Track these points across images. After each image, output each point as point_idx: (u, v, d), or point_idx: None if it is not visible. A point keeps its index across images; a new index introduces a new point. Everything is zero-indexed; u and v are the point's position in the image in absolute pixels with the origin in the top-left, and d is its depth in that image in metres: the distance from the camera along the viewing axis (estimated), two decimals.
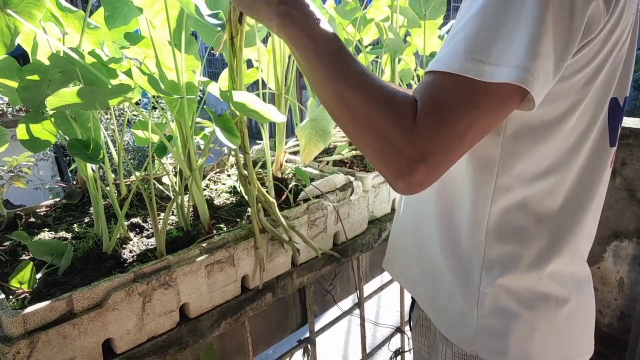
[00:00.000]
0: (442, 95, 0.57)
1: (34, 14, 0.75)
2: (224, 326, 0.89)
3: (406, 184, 0.57)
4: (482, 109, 0.56)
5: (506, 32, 0.56)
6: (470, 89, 0.56)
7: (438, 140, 0.56)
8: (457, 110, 0.56)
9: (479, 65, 0.55)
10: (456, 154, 0.58)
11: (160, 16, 0.90)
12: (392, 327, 1.63)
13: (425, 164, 0.56)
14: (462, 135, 0.56)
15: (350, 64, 0.61)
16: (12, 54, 0.83)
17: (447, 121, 0.56)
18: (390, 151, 0.57)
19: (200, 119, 1.09)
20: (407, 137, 0.56)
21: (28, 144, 0.89)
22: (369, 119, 0.59)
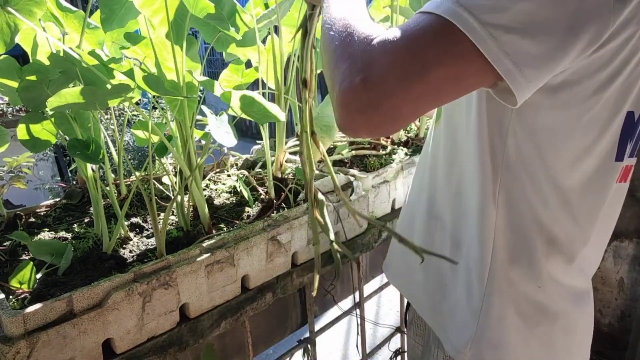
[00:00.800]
0: (405, 24, 0.52)
1: (34, 12, 0.75)
2: (224, 326, 0.89)
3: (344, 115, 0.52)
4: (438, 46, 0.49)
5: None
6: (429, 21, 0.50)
7: (388, 57, 0.49)
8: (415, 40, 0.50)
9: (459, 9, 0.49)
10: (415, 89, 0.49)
11: (159, 15, 0.90)
12: (392, 327, 1.63)
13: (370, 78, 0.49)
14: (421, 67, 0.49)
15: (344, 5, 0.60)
16: (12, 54, 0.83)
17: (402, 45, 0.49)
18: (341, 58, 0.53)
19: (201, 116, 1.09)
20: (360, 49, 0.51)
21: (28, 144, 0.90)
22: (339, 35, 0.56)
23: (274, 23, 1.03)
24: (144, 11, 0.89)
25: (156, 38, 0.91)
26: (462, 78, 0.52)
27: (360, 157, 1.35)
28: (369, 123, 0.51)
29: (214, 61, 9.35)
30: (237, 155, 1.36)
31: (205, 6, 0.87)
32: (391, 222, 1.25)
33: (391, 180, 1.26)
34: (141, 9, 0.88)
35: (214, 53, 8.18)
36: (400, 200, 1.32)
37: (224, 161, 1.31)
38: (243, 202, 1.09)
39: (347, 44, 0.53)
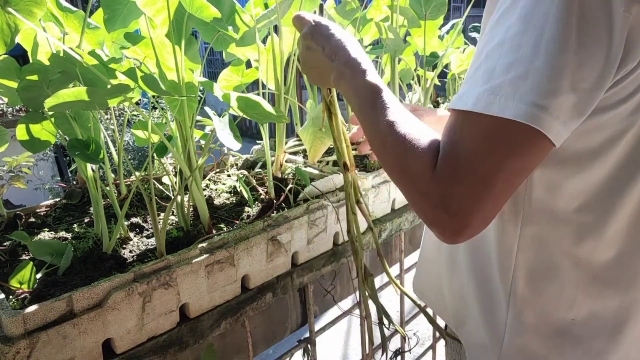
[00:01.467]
0: (458, 137, 0.52)
1: (35, 12, 0.75)
2: (224, 326, 0.89)
3: (440, 233, 0.54)
4: (499, 147, 0.50)
5: (522, 60, 0.49)
6: (483, 126, 0.50)
7: (457, 187, 0.51)
8: (475, 152, 0.51)
9: (490, 97, 0.50)
10: (486, 199, 0.51)
11: (160, 15, 0.90)
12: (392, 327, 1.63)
13: (449, 212, 0.51)
14: (486, 180, 0.50)
15: (382, 114, 0.61)
16: (12, 54, 0.83)
17: (463, 166, 0.51)
18: (415, 196, 0.56)
19: (201, 117, 1.09)
20: (426, 183, 0.53)
21: (28, 144, 0.89)
22: (393, 167, 0.59)
23: (274, 23, 1.03)
24: (146, 11, 0.89)
25: (156, 38, 0.91)
26: (530, 167, 0.53)
27: (360, 157, 1.35)
28: (466, 236, 0.53)
29: (214, 61, 9.36)
30: (237, 155, 1.36)
31: (201, 5, 0.87)
32: (391, 222, 1.25)
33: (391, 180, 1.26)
34: (144, 8, 0.88)
35: (214, 53, 8.18)
36: (400, 200, 1.32)
37: (224, 161, 1.31)
38: (243, 202, 1.09)
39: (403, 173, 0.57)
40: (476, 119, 0.51)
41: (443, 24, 1.54)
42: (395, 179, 0.60)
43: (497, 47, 0.52)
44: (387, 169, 0.61)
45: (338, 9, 1.29)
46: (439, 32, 1.52)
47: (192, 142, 0.95)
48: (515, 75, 0.49)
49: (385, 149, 0.60)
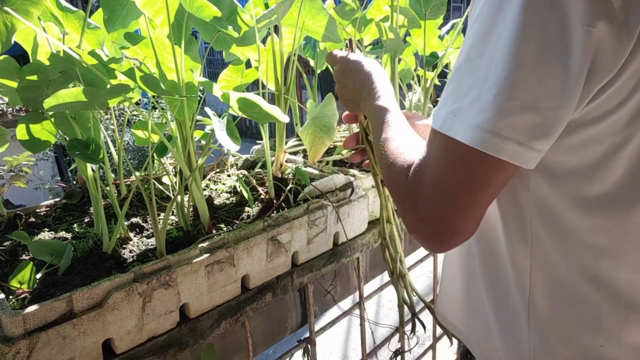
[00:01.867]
0: (428, 151, 0.57)
1: (31, 12, 0.75)
2: (224, 326, 0.89)
3: (416, 236, 0.59)
4: (458, 166, 0.53)
5: (477, 83, 0.50)
6: (448, 146, 0.53)
7: (421, 193, 0.56)
8: (433, 167, 0.55)
9: (453, 119, 0.52)
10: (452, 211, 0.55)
11: (160, 16, 0.90)
12: (392, 327, 1.63)
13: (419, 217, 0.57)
14: (448, 192, 0.54)
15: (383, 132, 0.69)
16: (12, 54, 0.83)
17: (425, 177, 0.56)
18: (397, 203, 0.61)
19: (201, 116, 1.09)
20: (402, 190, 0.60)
21: (28, 144, 0.89)
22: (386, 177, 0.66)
23: (274, 23, 1.03)
24: (146, 11, 0.89)
25: (156, 38, 0.91)
26: (495, 184, 0.55)
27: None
28: (442, 244, 0.58)
29: (214, 61, 9.36)
30: (237, 155, 1.36)
31: (202, 5, 0.87)
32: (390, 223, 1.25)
33: None
34: (143, 8, 0.88)
35: (214, 53, 8.18)
36: None
37: (224, 161, 1.31)
38: (243, 202, 1.09)
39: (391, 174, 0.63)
40: (441, 138, 0.54)
41: (443, 24, 1.54)
42: (389, 190, 0.66)
43: (461, 67, 0.53)
44: (385, 181, 0.68)
45: (338, 10, 1.29)
46: (438, 32, 1.52)
47: (192, 142, 0.95)
48: (471, 98, 0.50)
49: (381, 162, 0.67)
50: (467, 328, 0.83)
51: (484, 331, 0.76)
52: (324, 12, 1.10)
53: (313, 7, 1.08)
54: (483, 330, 0.77)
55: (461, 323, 0.85)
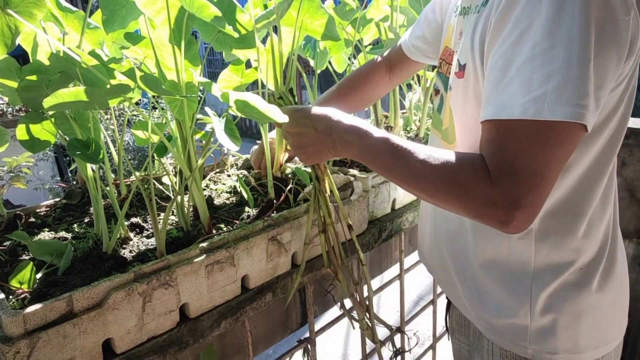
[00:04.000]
0: (511, 142, 0.61)
1: (35, 14, 0.75)
2: (224, 326, 0.89)
3: (513, 228, 0.62)
4: (549, 145, 0.60)
5: (559, 71, 0.58)
6: (535, 129, 0.60)
7: (521, 183, 0.60)
8: (528, 152, 0.60)
9: (538, 104, 0.59)
10: (545, 189, 0.61)
11: (160, 16, 0.90)
12: (392, 327, 1.63)
13: (521, 208, 0.60)
14: (542, 173, 0.60)
15: (409, 158, 0.68)
16: (12, 54, 0.83)
17: (523, 164, 0.60)
18: (483, 208, 0.62)
19: (201, 116, 1.09)
20: (489, 190, 0.61)
21: (27, 144, 0.89)
22: (448, 196, 0.65)
23: (274, 23, 1.03)
24: (146, 11, 0.89)
25: (156, 38, 0.91)
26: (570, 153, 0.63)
27: None
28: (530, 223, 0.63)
29: (214, 61, 9.36)
30: (237, 155, 1.36)
31: (202, 5, 0.87)
32: (391, 222, 1.25)
33: None
34: (143, 9, 0.88)
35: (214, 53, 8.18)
36: (401, 201, 1.32)
37: (224, 161, 1.31)
38: (243, 202, 1.09)
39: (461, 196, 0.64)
40: (524, 125, 0.60)
41: None
42: (449, 205, 0.67)
43: (527, 62, 0.60)
44: (437, 198, 0.67)
45: (337, 10, 1.29)
46: None
47: (192, 142, 0.95)
48: (556, 84, 0.58)
49: (429, 187, 0.67)
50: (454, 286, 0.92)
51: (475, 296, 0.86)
52: (323, 10, 1.10)
53: (311, 7, 1.08)
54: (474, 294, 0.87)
55: (447, 279, 0.94)
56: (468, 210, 0.65)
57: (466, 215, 0.66)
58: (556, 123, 0.59)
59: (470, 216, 0.66)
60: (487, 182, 0.61)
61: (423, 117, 1.50)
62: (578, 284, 0.78)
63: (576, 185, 0.75)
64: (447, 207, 0.68)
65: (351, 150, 0.77)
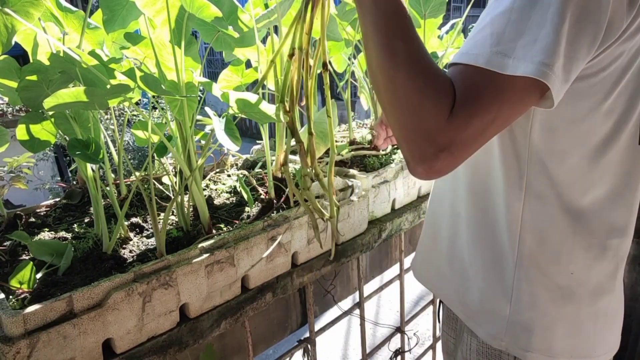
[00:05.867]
0: (472, 87, 0.59)
1: (32, 13, 0.75)
2: (224, 326, 0.89)
3: (426, 169, 0.60)
4: (505, 101, 0.59)
5: (531, 29, 0.58)
6: (496, 82, 0.58)
7: (466, 131, 0.58)
8: (484, 103, 0.58)
9: (504, 59, 0.58)
10: (477, 145, 0.60)
11: (160, 16, 0.90)
12: (392, 327, 1.63)
13: (448, 153, 0.58)
14: (486, 128, 0.59)
15: (403, 33, 0.61)
16: (12, 54, 0.83)
17: (476, 113, 0.58)
18: (420, 134, 0.59)
19: (201, 116, 1.09)
20: (440, 124, 0.58)
21: (28, 144, 0.90)
22: (408, 97, 0.60)
23: (274, 23, 1.03)
24: (146, 11, 0.89)
25: (156, 38, 0.91)
26: (518, 115, 0.62)
27: (360, 157, 1.35)
28: (442, 174, 0.61)
29: (214, 61, 9.36)
30: (237, 155, 1.36)
31: (202, 5, 0.87)
32: (391, 222, 1.25)
33: (391, 180, 1.26)
34: (143, 9, 0.88)
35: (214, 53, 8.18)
36: (400, 201, 1.32)
37: (224, 161, 1.31)
38: (243, 202, 1.09)
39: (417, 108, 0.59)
40: (488, 75, 0.58)
41: (443, 24, 1.54)
42: (398, 113, 0.61)
43: (503, 14, 0.59)
44: (393, 96, 0.61)
45: (337, 10, 1.29)
46: (438, 32, 1.52)
47: (192, 142, 0.95)
48: (526, 41, 0.57)
49: (399, 75, 0.60)
50: (444, 281, 0.92)
51: (463, 279, 0.86)
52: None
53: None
54: (462, 278, 0.87)
55: (437, 277, 0.95)
56: (407, 126, 0.60)
57: (397, 129, 0.62)
58: (524, 79, 0.57)
59: (400, 132, 0.61)
60: (444, 114, 0.58)
61: None
62: (565, 290, 0.76)
63: (571, 177, 0.72)
64: (394, 108, 0.62)
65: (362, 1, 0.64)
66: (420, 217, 1.37)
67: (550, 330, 0.77)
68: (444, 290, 0.94)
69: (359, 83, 1.53)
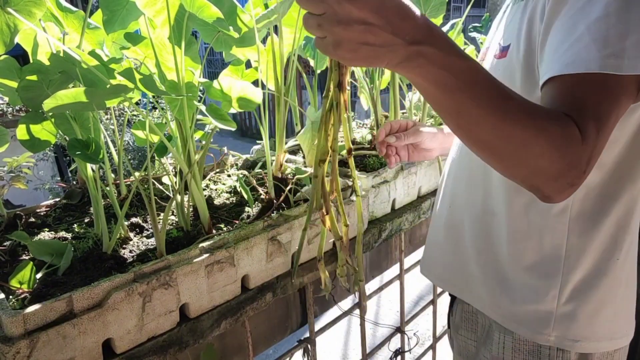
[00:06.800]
0: (590, 98, 0.59)
1: (34, 13, 0.75)
2: (224, 326, 0.89)
3: (568, 193, 0.60)
4: (620, 102, 0.60)
5: (635, 28, 0.59)
6: (611, 84, 0.59)
7: (600, 142, 0.58)
8: (606, 109, 0.59)
9: (617, 60, 0.58)
10: (601, 149, 0.60)
11: (161, 16, 0.90)
12: (392, 327, 1.63)
13: (589, 168, 0.58)
14: (611, 131, 0.60)
15: (508, 96, 0.58)
16: (12, 54, 0.83)
17: (603, 123, 0.58)
18: (562, 166, 0.57)
19: (201, 116, 1.09)
20: (579, 150, 0.56)
21: (28, 144, 0.90)
22: (536, 142, 0.56)
23: (274, 23, 1.03)
24: (146, 11, 0.89)
25: (156, 38, 0.91)
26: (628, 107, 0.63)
27: (360, 157, 1.35)
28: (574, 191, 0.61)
29: (214, 61, 9.36)
30: (237, 155, 1.36)
31: (202, 5, 0.87)
32: (391, 222, 1.25)
33: (391, 180, 1.26)
34: (144, 9, 0.88)
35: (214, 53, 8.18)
36: (400, 201, 1.32)
37: (224, 161, 1.31)
38: (243, 202, 1.09)
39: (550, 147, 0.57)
40: (602, 80, 0.59)
41: (443, 24, 1.53)
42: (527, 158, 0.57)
43: (600, 20, 0.60)
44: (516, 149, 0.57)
45: None
46: None
47: (192, 142, 0.95)
48: (634, 40, 0.58)
49: (505, 128, 0.57)
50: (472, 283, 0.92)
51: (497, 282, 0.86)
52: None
53: None
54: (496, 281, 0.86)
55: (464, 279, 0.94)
56: (539, 168, 0.57)
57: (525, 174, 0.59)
58: (631, 78, 0.59)
59: (532, 175, 0.59)
60: (578, 139, 0.56)
61: (423, 116, 1.50)
62: (608, 274, 0.78)
63: (614, 166, 0.74)
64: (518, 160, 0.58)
65: (424, 71, 0.56)
66: (420, 217, 1.37)
67: (595, 316, 0.79)
68: (472, 293, 0.92)
69: (359, 83, 1.53)
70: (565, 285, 0.79)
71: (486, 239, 0.87)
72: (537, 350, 0.83)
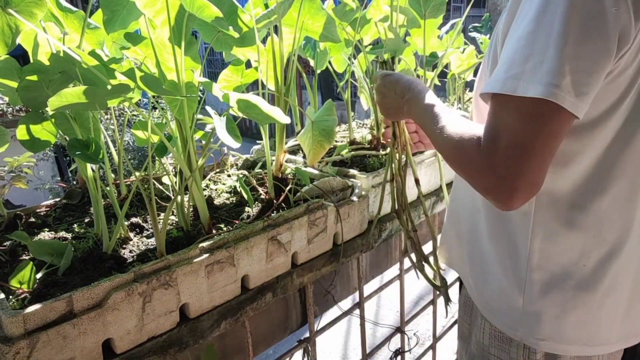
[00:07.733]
0: (494, 117, 0.66)
1: (35, 14, 0.75)
2: (224, 326, 0.89)
3: (494, 197, 0.66)
4: (532, 120, 0.63)
5: (537, 52, 0.63)
6: (512, 105, 0.64)
7: (498, 155, 0.64)
8: (507, 128, 0.64)
9: (515, 82, 0.63)
10: (528, 162, 0.63)
11: (161, 16, 0.90)
12: (392, 327, 1.63)
13: (497, 177, 0.64)
14: (523, 146, 0.63)
15: (438, 122, 0.77)
16: (12, 54, 0.83)
17: (502, 140, 0.64)
18: (471, 173, 0.69)
19: (202, 116, 1.09)
20: (477, 158, 0.66)
21: (28, 144, 0.90)
22: (455, 155, 0.72)
23: (274, 23, 1.03)
24: (146, 12, 0.89)
25: (156, 38, 0.91)
26: (558, 134, 0.65)
27: (360, 157, 1.35)
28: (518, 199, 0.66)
29: (214, 61, 9.36)
30: (237, 155, 1.36)
31: (202, 5, 0.87)
32: (391, 222, 1.25)
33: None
34: (144, 9, 0.88)
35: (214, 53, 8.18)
36: None
37: (224, 161, 1.31)
38: (243, 202, 1.09)
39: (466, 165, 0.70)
40: (506, 100, 0.65)
41: (443, 24, 1.53)
42: (456, 166, 0.73)
43: (514, 42, 0.66)
44: (449, 159, 0.74)
45: (337, 10, 1.29)
46: (438, 32, 1.52)
47: (192, 142, 0.95)
48: (533, 64, 0.63)
49: (445, 144, 0.74)
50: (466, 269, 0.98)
51: (482, 271, 0.91)
52: (324, 12, 1.10)
53: (312, 7, 1.08)
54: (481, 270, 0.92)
55: (463, 266, 1.00)
56: (464, 174, 0.71)
57: (469, 183, 0.71)
58: (536, 100, 0.62)
59: (470, 183, 0.70)
60: (477, 148, 0.66)
61: None
62: (574, 278, 0.79)
63: (582, 178, 0.75)
64: (453, 166, 0.74)
65: (412, 114, 0.89)
66: (421, 217, 1.37)
67: (562, 318, 0.80)
68: (466, 279, 0.99)
69: (359, 83, 1.53)
70: (531, 285, 0.82)
71: (474, 232, 0.93)
72: (509, 340, 0.87)
